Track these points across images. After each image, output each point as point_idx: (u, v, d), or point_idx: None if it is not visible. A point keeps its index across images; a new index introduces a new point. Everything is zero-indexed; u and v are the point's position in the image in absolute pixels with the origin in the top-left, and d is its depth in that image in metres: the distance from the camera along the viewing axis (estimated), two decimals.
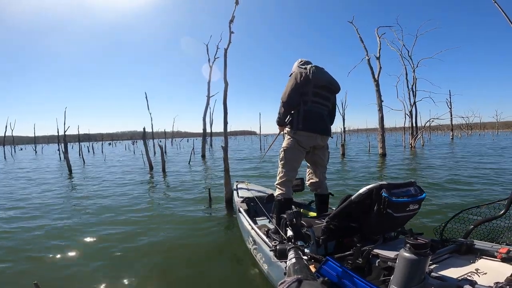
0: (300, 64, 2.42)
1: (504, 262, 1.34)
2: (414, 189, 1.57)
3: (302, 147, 2.30)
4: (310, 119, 2.27)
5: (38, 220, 3.98)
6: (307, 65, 2.35)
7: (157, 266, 2.49)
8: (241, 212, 2.75)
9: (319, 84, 2.27)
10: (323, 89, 2.31)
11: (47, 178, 8.73)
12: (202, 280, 2.26)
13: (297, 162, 2.34)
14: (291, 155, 2.31)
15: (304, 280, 0.95)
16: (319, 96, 2.30)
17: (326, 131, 2.37)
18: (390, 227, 1.69)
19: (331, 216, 1.68)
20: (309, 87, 2.25)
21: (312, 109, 2.29)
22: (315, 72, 2.25)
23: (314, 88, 2.27)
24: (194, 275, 2.34)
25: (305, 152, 2.35)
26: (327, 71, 2.39)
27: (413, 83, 19.16)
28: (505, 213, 1.60)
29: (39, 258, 2.70)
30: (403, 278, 1.07)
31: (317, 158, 2.45)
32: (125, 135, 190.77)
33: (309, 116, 2.28)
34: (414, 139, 17.65)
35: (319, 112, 2.31)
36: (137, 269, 2.44)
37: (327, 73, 2.37)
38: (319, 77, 2.27)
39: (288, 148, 2.31)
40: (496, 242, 1.54)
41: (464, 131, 47.37)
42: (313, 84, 2.25)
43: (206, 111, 16.27)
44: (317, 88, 2.28)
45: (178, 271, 2.42)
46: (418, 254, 1.04)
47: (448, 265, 1.37)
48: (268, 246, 1.97)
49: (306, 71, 2.26)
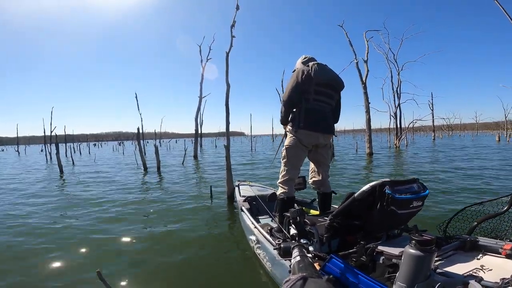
0: (303, 61, 2.40)
1: (509, 259, 1.33)
2: (417, 186, 1.58)
3: (304, 145, 2.28)
4: (312, 117, 2.25)
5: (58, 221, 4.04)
6: (310, 62, 2.32)
7: (158, 263, 2.48)
8: (243, 211, 2.75)
9: (322, 82, 2.24)
10: (325, 87, 2.28)
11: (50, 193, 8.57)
12: (204, 280, 2.23)
13: (299, 160, 2.34)
14: (293, 154, 2.30)
15: (309, 278, 0.96)
16: (321, 94, 2.27)
17: (328, 130, 2.34)
18: (394, 224, 1.68)
19: (334, 214, 1.68)
20: (311, 85, 2.23)
21: (314, 107, 2.26)
22: (317, 70, 2.22)
23: (316, 86, 2.24)
24: (196, 274, 2.32)
25: (307, 151, 2.35)
26: (331, 69, 2.34)
27: (398, 85, 19.93)
28: (508, 209, 1.60)
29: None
30: (409, 275, 1.07)
31: (319, 156, 2.42)
32: (110, 135, 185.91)
33: (310, 115, 2.25)
34: (399, 139, 18.40)
35: (322, 110, 2.29)
36: (136, 265, 2.44)
37: (331, 71, 2.33)
38: (322, 74, 2.24)
39: (290, 147, 2.31)
40: (500, 238, 1.54)
41: (445, 132, 49.24)
42: (315, 82, 2.23)
43: (198, 111, 16.32)
44: (320, 86, 2.25)
45: (179, 270, 2.39)
46: (424, 251, 1.04)
47: (453, 261, 1.37)
48: (272, 244, 1.96)
49: (308, 69, 2.24)
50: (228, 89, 4.85)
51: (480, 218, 1.68)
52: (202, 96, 16.16)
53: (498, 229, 1.65)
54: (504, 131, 31.58)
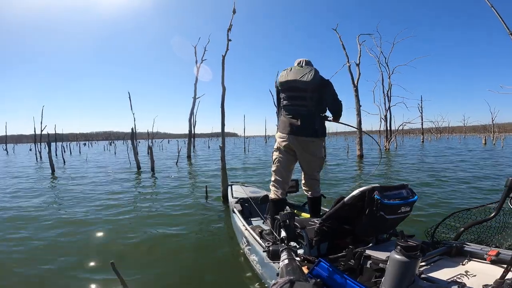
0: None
1: (494, 264, 1.35)
2: (406, 192, 1.59)
3: (282, 148, 2.35)
4: (284, 120, 2.34)
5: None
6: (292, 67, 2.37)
7: (149, 263, 2.50)
8: (235, 213, 2.76)
9: (284, 87, 2.33)
10: (292, 90, 2.30)
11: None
12: (194, 280, 2.25)
13: (283, 162, 2.37)
14: (277, 156, 2.40)
15: (296, 281, 0.96)
16: (292, 98, 2.31)
17: (301, 132, 2.25)
18: (382, 229, 1.69)
19: (324, 218, 1.69)
20: (282, 93, 2.37)
21: (286, 109, 2.34)
22: (282, 77, 2.32)
23: (284, 92, 2.35)
24: (186, 275, 2.33)
25: (290, 155, 2.36)
26: (300, 68, 2.30)
27: (389, 88, 20.45)
28: (495, 216, 1.62)
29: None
30: (393, 280, 1.08)
31: (301, 162, 2.42)
32: (100, 135, 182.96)
33: (283, 118, 2.36)
34: (389, 142, 18.83)
35: (293, 111, 2.30)
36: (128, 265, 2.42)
37: (298, 72, 2.27)
38: (283, 80, 2.31)
39: (274, 150, 2.44)
40: (486, 244, 1.56)
41: (434, 134, 50.30)
42: (281, 88, 2.36)
43: (192, 112, 16.35)
44: (287, 91, 2.33)
45: (169, 271, 2.40)
46: (409, 256, 1.06)
47: (438, 267, 1.39)
48: (262, 247, 1.96)
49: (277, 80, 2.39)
50: (223, 91, 4.95)
51: (467, 224, 1.69)
52: (196, 97, 16.20)
53: (485, 235, 1.67)
54: (491, 134, 32.45)
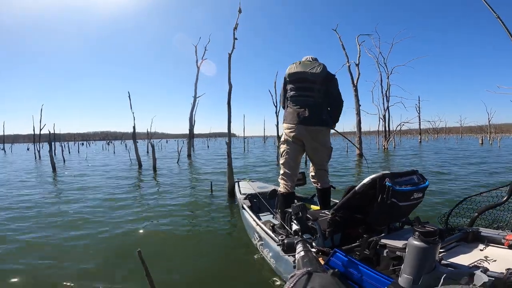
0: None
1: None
2: (417, 178, 1.57)
3: (290, 139, 2.34)
4: (290, 111, 2.34)
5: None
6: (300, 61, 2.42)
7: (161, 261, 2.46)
8: (244, 209, 2.76)
9: (293, 78, 2.36)
10: (300, 81, 2.34)
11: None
12: (210, 277, 2.22)
13: (291, 154, 2.35)
14: (285, 148, 2.38)
15: (314, 272, 0.97)
16: (299, 89, 2.34)
17: (309, 121, 2.26)
18: (395, 217, 1.65)
19: (336, 208, 1.67)
20: (289, 84, 2.40)
21: (293, 101, 2.35)
22: (291, 69, 2.37)
23: (292, 83, 2.38)
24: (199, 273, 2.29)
25: (298, 145, 2.35)
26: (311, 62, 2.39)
27: (387, 88, 20.60)
28: (508, 199, 1.60)
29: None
30: (414, 267, 1.07)
31: (309, 154, 2.42)
32: (97, 135, 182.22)
33: (290, 109, 2.36)
34: (387, 141, 18.99)
35: (301, 102, 2.31)
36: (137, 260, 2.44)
37: (309, 65, 2.35)
38: (294, 71, 2.35)
39: (282, 142, 2.42)
40: (501, 229, 1.55)
41: (431, 135, 50.69)
42: (289, 80, 2.38)
43: (192, 112, 16.38)
44: (294, 82, 2.36)
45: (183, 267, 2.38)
46: (428, 242, 1.04)
47: (457, 253, 1.37)
48: (275, 241, 1.96)
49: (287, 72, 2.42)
50: (230, 89, 5.05)
51: (480, 209, 1.67)
52: (197, 96, 16.25)
53: (499, 220, 1.65)
54: (487, 134, 32.78)
